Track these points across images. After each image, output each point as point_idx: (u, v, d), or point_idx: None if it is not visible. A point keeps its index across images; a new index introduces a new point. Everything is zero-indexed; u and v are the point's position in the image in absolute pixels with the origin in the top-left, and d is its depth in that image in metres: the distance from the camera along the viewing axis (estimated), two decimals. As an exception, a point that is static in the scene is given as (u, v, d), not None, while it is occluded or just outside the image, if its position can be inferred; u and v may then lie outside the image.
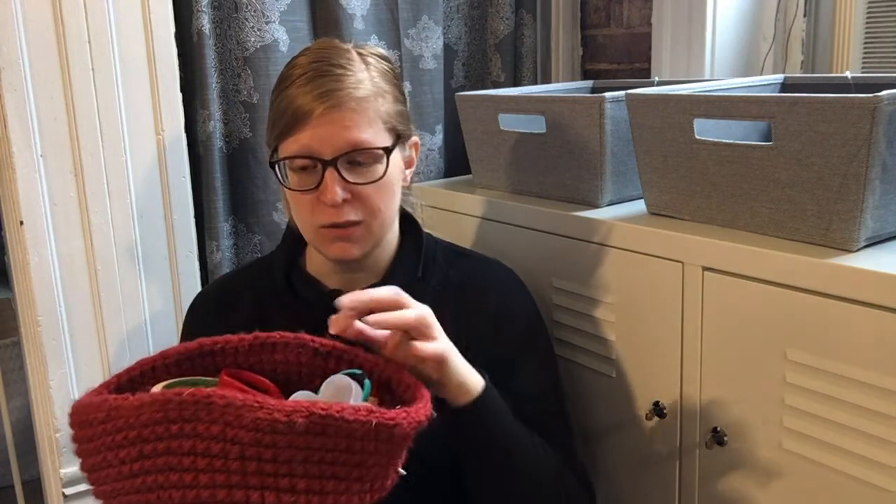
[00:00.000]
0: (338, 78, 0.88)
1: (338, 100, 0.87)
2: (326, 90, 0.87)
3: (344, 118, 0.88)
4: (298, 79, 0.89)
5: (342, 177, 0.89)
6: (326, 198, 0.88)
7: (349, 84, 0.88)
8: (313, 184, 0.89)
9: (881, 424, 0.84)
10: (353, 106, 0.88)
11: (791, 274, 0.90)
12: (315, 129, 0.87)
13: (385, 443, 0.69)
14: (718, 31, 1.53)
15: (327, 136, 0.87)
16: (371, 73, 0.92)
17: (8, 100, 1.24)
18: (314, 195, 0.90)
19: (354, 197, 0.90)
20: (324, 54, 0.91)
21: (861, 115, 0.84)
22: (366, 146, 0.89)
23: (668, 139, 1.04)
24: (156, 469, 0.65)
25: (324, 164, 0.88)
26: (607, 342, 1.14)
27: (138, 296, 1.39)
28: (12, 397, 2.02)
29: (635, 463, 1.14)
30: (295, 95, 0.88)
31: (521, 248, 1.24)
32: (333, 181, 0.88)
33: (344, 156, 0.88)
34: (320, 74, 0.88)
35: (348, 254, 0.93)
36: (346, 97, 0.88)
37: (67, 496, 1.38)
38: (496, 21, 1.76)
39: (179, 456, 0.65)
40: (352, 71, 0.90)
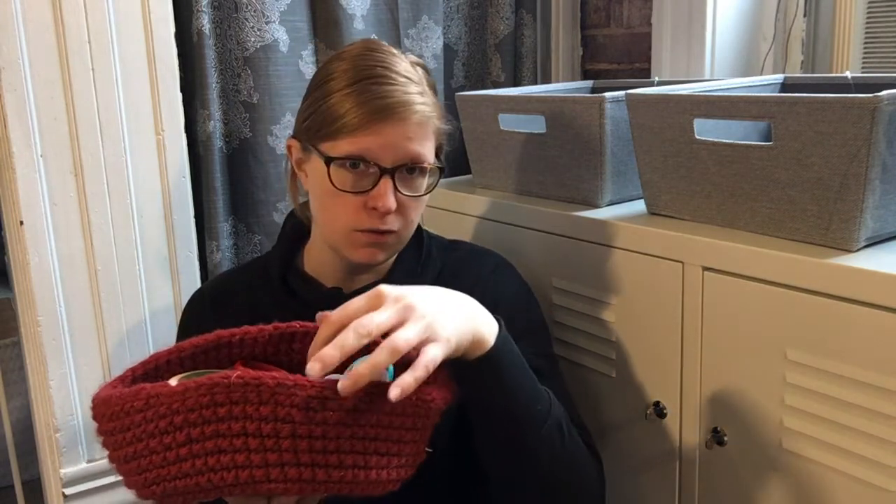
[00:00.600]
0: (405, 87, 0.89)
1: (409, 113, 0.88)
2: (397, 101, 0.88)
3: (409, 130, 0.89)
4: (358, 84, 0.89)
5: (396, 187, 0.90)
6: (380, 204, 0.89)
7: (418, 98, 0.90)
8: (365, 187, 0.90)
9: (881, 424, 0.84)
10: (418, 120, 0.89)
11: (791, 274, 0.90)
12: (380, 136, 0.88)
13: (422, 418, 0.72)
14: (718, 31, 1.53)
15: (391, 145, 0.88)
16: (426, 87, 0.93)
17: (8, 100, 1.24)
18: (361, 198, 0.90)
19: (399, 207, 0.91)
20: (380, 58, 0.91)
21: (861, 115, 0.84)
22: (423, 161, 0.91)
23: (668, 139, 1.04)
24: (205, 452, 0.66)
25: (382, 171, 0.89)
26: (607, 342, 1.14)
27: (138, 296, 1.39)
28: (12, 397, 2.02)
29: (635, 463, 1.14)
30: (356, 102, 0.88)
31: (521, 248, 1.23)
32: (390, 190, 0.89)
33: (403, 167, 0.90)
34: (387, 82, 0.89)
35: (374, 259, 0.94)
36: (415, 112, 0.89)
37: (67, 496, 1.38)
38: (496, 21, 1.76)
39: (230, 438, 0.66)
40: (416, 82, 0.91)
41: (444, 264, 1.04)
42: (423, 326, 0.71)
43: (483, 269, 1.04)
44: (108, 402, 0.70)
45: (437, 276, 1.02)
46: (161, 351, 0.79)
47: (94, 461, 1.40)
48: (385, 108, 0.88)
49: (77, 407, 1.36)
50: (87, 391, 1.37)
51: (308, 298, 1.00)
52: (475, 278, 1.02)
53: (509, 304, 1.00)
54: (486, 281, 1.02)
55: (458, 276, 1.02)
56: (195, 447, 0.67)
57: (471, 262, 1.05)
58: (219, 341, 0.80)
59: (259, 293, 1.03)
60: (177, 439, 0.67)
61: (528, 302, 1.05)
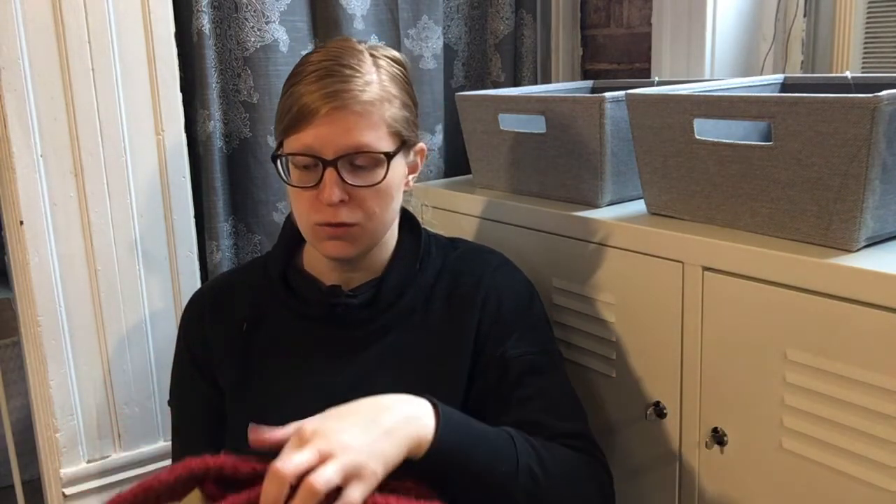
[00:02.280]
0: (346, 79, 0.88)
1: (343, 101, 0.87)
2: (333, 90, 0.87)
3: (347, 120, 0.88)
4: (309, 76, 0.89)
5: (341, 178, 0.89)
6: (324, 197, 0.89)
7: (356, 86, 0.88)
8: (313, 181, 0.90)
9: (881, 424, 0.84)
10: (357, 109, 0.88)
11: (791, 274, 0.90)
12: (318, 128, 0.88)
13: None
14: (718, 31, 1.53)
15: (329, 136, 0.88)
16: (381, 77, 0.91)
17: (8, 100, 1.24)
18: (313, 193, 0.91)
19: (352, 199, 0.91)
20: (336, 53, 0.91)
21: (861, 115, 0.84)
22: (367, 149, 0.89)
23: (668, 139, 1.04)
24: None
25: (324, 164, 0.89)
26: (607, 342, 1.14)
27: (138, 296, 1.39)
28: (12, 397, 2.02)
29: (635, 463, 1.14)
30: (303, 93, 0.88)
31: (521, 248, 1.23)
32: (332, 181, 0.89)
33: (344, 157, 0.89)
34: (329, 74, 0.89)
35: (342, 252, 0.93)
36: (351, 99, 0.88)
37: (67, 496, 1.38)
38: (496, 21, 1.76)
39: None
40: (361, 73, 0.90)
41: (445, 263, 1.04)
42: (343, 465, 0.71)
43: (485, 268, 1.03)
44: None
45: (438, 275, 1.02)
46: (123, 494, 0.74)
47: (94, 461, 1.40)
48: (322, 99, 0.87)
49: (77, 407, 1.36)
50: (87, 391, 1.37)
51: (308, 296, 1.00)
52: (477, 277, 1.01)
53: (511, 301, 1.01)
54: (488, 280, 1.02)
55: (460, 275, 1.02)
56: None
57: (472, 261, 1.05)
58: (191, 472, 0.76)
59: (260, 292, 1.03)
60: None
61: (530, 299, 1.04)
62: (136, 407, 1.42)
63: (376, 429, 0.76)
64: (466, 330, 0.98)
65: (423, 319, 0.99)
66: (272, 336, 1.01)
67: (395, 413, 0.78)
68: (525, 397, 0.95)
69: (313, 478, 0.69)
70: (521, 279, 1.06)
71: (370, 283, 1.00)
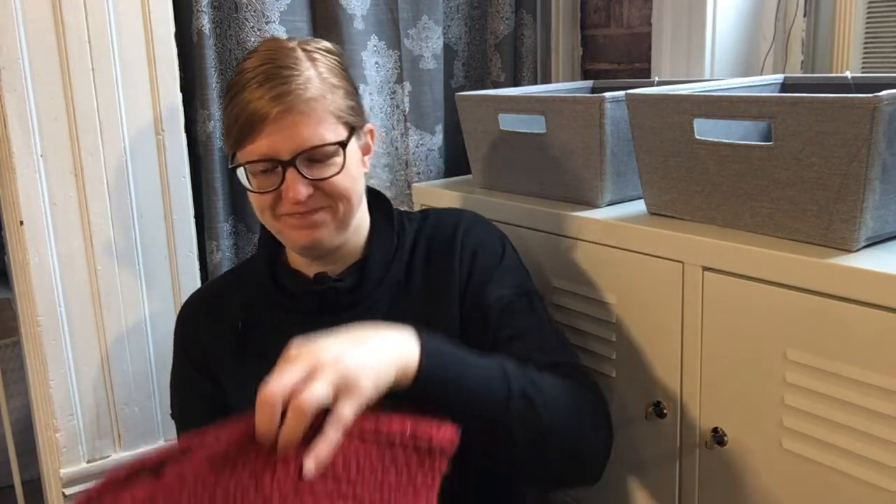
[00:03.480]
0: (286, 80, 0.90)
1: (288, 104, 0.89)
2: (276, 94, 0.89)
3: (296, 120, 0.89)
4: (249, 83, 0.90)
5: (302, 174, 0.91)
6: (290, 196, 0.90)
7: (298, 86, 0.90)
8: (274, 185, 0.92)
9: (881, 424, 0.84)
10: (303, 108, 0.90)
11: (791, 274, 0.90)
12: (270, 134, 0.89)
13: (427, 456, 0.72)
14: (718, 31, 1.53)
15: (282, 139, 0.89)
16: (319, 70, 0.93)
17: (8, 100, 1.24)
18: (276, 193, 0.92)
19: (317, 190, 0.92)
20: (271, 55, 0.92)
21: (861, 115, 0.84)
22: (320, 144, 0.91)
23: (668, 139, 1.04)
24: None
25: (283, 165, 0.90)
26: (607, 342, 1.14)
27: (138, 296, 1.39)
28: (12, 397, 2.02)
29: (635, 463, 1.14)
30: (248, 101, 0.89)
31: (521, 248, 1.23)
32: (295, 180, 0.90)
33: (301, 154, 0.90)
34: (269, 78, 0.90)
35: (317, 239, 0.94)
36: (295, 99, 0.89)
37: (67, 496, 1.38)
38: (496, 21, 1.76)
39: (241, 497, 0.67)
40: (299, 71, 0.91)
41: (419, 232, 1.06)
42: (332, 379, 0.70)
43: (457, 226, 1.05)
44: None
45: (414, 244, 1.05)
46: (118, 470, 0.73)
47: (94, 461, 1.40)
48: (267, 105, 0.88)
49: (77, 407, 1.36)
50: (87, 391, 1.37)
51: (297, 290, 1.02)
52: (450, 236, 1.04)
53: (485, 251, 1.03)
54: (460, 236, 1.04)
55: (434, 240, 1.05)
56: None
57: (443, 223, 1.06)
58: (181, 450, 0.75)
59: (251, 294, 1.05)
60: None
61: (502, 247, 1.06)
62: (136, 407, 1.42)
63: (364, 346, 0.75)
64: (450, 287, 1.01)
65: (408, 288, 1.01)
66: (268, 333, 1.02)
67: (380, 336, 0.79)
68: (508, 337, 0.97)
69: (302, 397, 0.68)
70: (492, 230, 1.08)
71: (354, 265, 1.02)
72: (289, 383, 0.69)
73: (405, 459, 0.72)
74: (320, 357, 0.71)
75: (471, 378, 0.83)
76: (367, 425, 0.72)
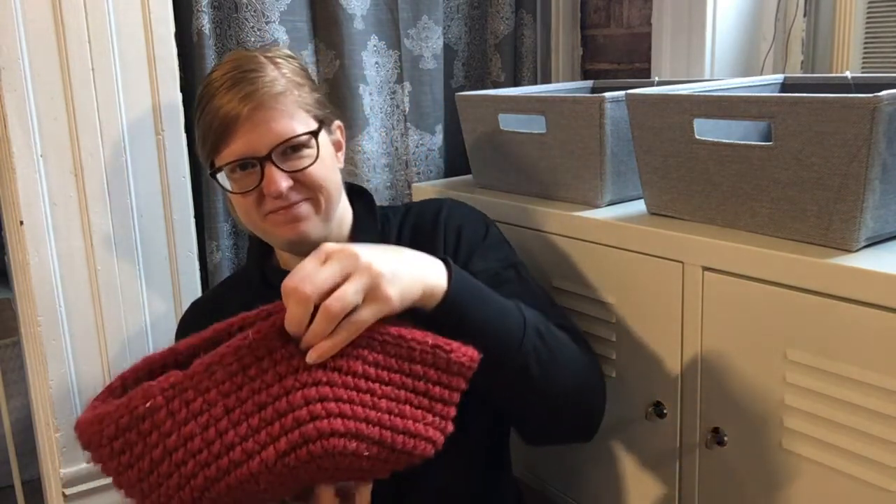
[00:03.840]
0: (253, 81, 0.94)
1: (258, 100, 0.92)
2: (245, 94, 0.93)
3: (267, 116, 0.93)
4: (218, 90, 0.94)
5: (279, 167, 0.93)
6: (271, 189, 0.93)
7: (265, 84, 0.94)
8: (255, 183, 0.94)
9: (881, 424, 0.84)
10: (272, 104, 0.93)
11: (791, 274, 0.90)
12: (245, 133, 0.92)
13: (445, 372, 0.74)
14: (718, 31, 1.53)
15: (256, 136, 0.93)
16: (282, 71, 0.97)
17: (8, 100, 1.24)
18: (258, 192, 0.94)
19: (296, 182, 0.95)
20: (235, 63, 0.97)
21: (861, 115, 0.84)
22: (293, 134, 0.94)
23: (668, 139, 1.04)
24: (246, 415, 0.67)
25: (261, 161, 0.93)
26: (607, 342, 1.14)
27: (138, 296, 1.39)
28: (12, 397, 2.02)
29: (635, 463, 1.14)
30: (219, 106, 0.93)
31: (521, 248, 1.23)
32: (273, 173, 0.93)
33: (276, 148, 0.93)
34: (237, 82, 0.94)
35: (303, 232, 0.96)
36: (264, 96, 0.93)
37: (67, 496, 1.38)
38: (496, 21, 1.76)
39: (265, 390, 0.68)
40: (264, 72, 0.95)
41: (403, 221, 1.09)
42: (364, 284, 0.72)
43: (439, 210, 1.08)
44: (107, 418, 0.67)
45: (399, 232, 1.07)
46: (153, 354, 0.77)
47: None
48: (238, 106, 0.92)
49: (77, 407, 1.36)
50: (87, 391, 1.37)
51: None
52: (433, 219, 1.06)
53: (468, 229, 1.06)
54: (443, 218, 1.07)
55: (417, 227, 1.07)
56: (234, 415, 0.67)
57: (426, 210, 1.10)
58: (217, 336, 0.78)
59: (247, 296, 1.05)
60: (214, 415, 0.67)
61: (485, 225, 1.09)
62: (136, 407, 1.42)
63: (397, 258, 0.78)
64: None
65: None
66: None
67: (413, 253, 0.81)
68: None
69: (334, 299, 0.70)
70: (474, 212, 1.11)
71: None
72: (323, 284, 0.70)
73: (423, 371, 0.74)
74: (355, 260, 0.73)
75: (491, 307, 0.86)
76: (390, 333, 0.73)
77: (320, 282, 0.70)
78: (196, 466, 0.67)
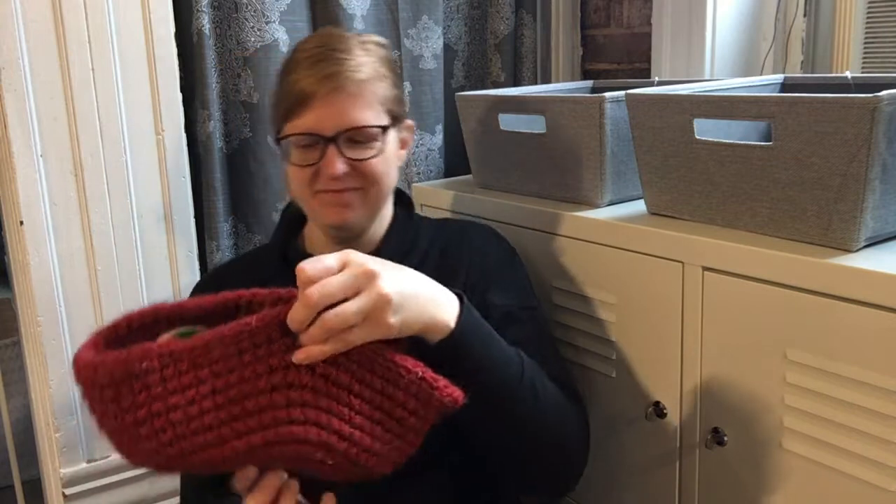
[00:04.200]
0: (339, 62, 0.94)
1: (338, 83, 0.93)
2: (328, 73, 0.93)
3: (344, 100, 0.94)
4: (303, 62, 0.95)
5: (341, 152, 0.94)
6: (328, 171, 0.94)
7: (349, 68, 0.94)
8: (315, 159, 0.95)
9: (881, 424, 0.84)
10: (352, 89, 0.94)
11: (791, 274, 0.90)
12: (318, 110, 0.93)
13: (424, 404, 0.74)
14: (718, 31, 1.53)
15: (328, 116, 0.93)
16: (370, 58, 0.97)
17: (8, 100, 1.24)
18: (314, 168, 0.95)
19: (354, 170, 0.96)
20: (326, 40, 0.97)
21: (861, 115, 0.84)
22: (364, 125, 0.95)
23: (668, 139, 1.04)
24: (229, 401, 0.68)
25: (325, 141, 0.94)
26: (607, 342, 1.14)
27: (138, 296, 1.39)
28: (12, 397, 2.02)
29: (635, 463, 1.14)
30: (299, 79, 0.94)
31: (521, 248, 1.23)
32: (334, 155, 0.94)
33: (344, 133, 0.94)
34: (323, 59, 0.94)
35: (344, 219, 0.97)
36: (346, 80, 0.93)
37: (67, 496, 1.38)
38: (496, 21, 1.76)
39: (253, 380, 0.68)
40: (351, 55, 0.95)
41: (436, 236, 1.09)
42: (368, 307, 0.72)
43: (472, 235, 1.09)
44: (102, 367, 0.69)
45: (430, 246, 1.07)
46: (164, 304, 0.78)
47: (94, 461, 1.40)
48: (318, 82, 0.93)
49: (77, 407, 1.36)
50: (87, 391, 1.37)
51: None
52: (465, 249, 1.06)
53: (494, 258, 1.07)
54: (474, 242, 1.08)
55: (448, 245, 1.07)
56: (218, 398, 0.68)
57: (460, 230, 1.11)
58: (225, 302, 0.79)
59: (263, 271, 1.07)
60: (200, 392, 0.68)
61: (512, 258, 1.09)
62: (136, 407, 1.42)
63: (413, 286, 0.78)
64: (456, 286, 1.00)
65: None
66: None
67: (432, 286, 0.82)
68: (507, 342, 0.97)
69: (333, 316, 0.70)
70: (505, 242, 1.11)
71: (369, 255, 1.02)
72: (331, 294, 0.71)
73: (404, 399, 0.74)
74: (369, 281, 0.73)
75: (493, 353, 0.86)
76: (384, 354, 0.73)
77: (329, 291, 0.71)
78: (173, 437, 0.68)
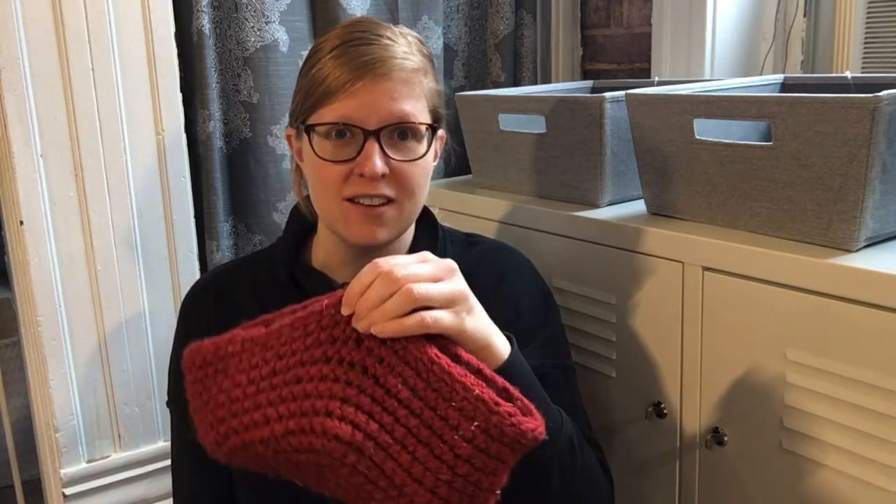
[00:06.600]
0: (386, 47, 0.82)
1: (388, 68, 0.81)
2: (376, 57, 0.81)
3: (393, 89, 0.82)
4: (340, 47, 0.83)
5: (383, 150, 0.82)
6: (366, 169, 0.81)
7: (399, 54, 0.83)
8: (350, 155, 0.82)
9: (881, 424, 0.84)
10: (403, 77, 0.82)
11: (791, 274, 0.90)
12: (360, 97, 0.81)
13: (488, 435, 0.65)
14: (718, 31, 1.53)
15: (373, 105, 0.81)
16: (414, 49, 0.86)
17: (8, 100, 1.24)
18: (345, 167, 0.83)
19: (392, 174, 0.84)
20: (365, 26, 0.85)
21: (861, 115, 0.84)
22: (413, 120, 0.83)
23: (668, 139, 1.04)
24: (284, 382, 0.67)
25: (366, 134, 0.82)
26: (607, 342, 1.14)
27: (138, 296, 1.39)
28: (12, 397, 2.02)
29: (635, 463, 1.14)
30: (336, 65, 0.82)
31: (521, 248, 1.23)
32: (375, 152, 0.81)
33: (388, 128, 0.82)
34: (366, 42, 0.82)
35: (374, 237, 0.85)
36: (396, 66, 0.82)
37: (67, 496, 1.38)
38: (496, 21, 1.76)
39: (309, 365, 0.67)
40: (398, 42, 0.84)
41: (462, 259, 1.00)
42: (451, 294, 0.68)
43: (506, 269, 0.98)
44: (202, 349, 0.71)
45: None
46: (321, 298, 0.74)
47: (94, 461, 1.40)
48: (362, 66, 0.81)
49: (77, 407, 1.36)
50: (87, 391, 1.37)
51: (314, 294, 0.96)
52: (498, 277, 0.96)
53: (531, 308, 0.96)
54: (509, 280, 0.96)
55: (477, 274, 0.92)
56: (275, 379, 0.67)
57: (492, 260, 0.99)
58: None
59: (265, 288, 0.96)
60: (262, 373, 0.68)
61: (548, 307, 0.99)
62: (136, 407, 1.42)
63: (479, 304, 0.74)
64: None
65: None
66: None
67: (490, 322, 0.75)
68: None
69: (420, 286, 0.65)
70: (541, 285, 1.01)
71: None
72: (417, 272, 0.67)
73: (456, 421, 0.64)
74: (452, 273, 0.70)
75: (537, 398, 0.76)
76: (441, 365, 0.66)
77: (414, 271, 0.66)
78: (227, 414, 0.69)
